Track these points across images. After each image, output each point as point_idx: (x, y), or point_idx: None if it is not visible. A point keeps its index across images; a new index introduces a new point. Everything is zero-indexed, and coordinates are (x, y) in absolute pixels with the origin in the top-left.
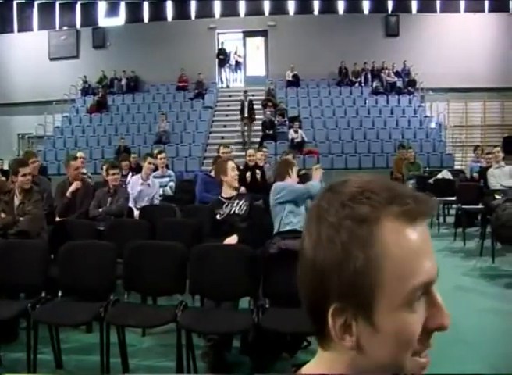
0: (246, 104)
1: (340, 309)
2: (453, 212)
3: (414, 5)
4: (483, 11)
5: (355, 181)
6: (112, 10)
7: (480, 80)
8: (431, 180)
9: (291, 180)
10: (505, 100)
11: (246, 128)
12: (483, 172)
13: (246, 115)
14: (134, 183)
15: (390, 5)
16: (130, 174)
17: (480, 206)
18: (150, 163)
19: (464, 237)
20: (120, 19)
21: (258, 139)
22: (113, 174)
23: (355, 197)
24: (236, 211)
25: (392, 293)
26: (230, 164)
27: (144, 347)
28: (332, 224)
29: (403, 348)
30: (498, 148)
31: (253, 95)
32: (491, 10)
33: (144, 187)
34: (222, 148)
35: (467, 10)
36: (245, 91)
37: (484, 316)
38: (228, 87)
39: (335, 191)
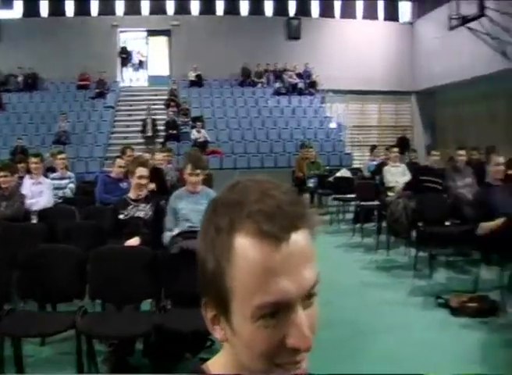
0: (149, 121)
1: (209, 303)
2: (352, 208)
3: (315, 10)
4: (377, 19)
5: (239, 187)
6: (6, 2)
7: (376, 83)
8: (331, 179)
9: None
10: (398, 103)
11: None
12: (378, 169)
13: (149, 134)
14: (25, 184)
15: (292, 9)
16: (27, 176)
17: (376, 203)
18: (35, 163)
19: (361, 232)
20: (16, 13)
21: (161, 140)
22: (3, 177)
23: (224, 206)
24: (141, 215)
25: (242, 303)
26: (138, 171)
27: (42, 357)
28: (204, 226)
29: (255, 357)
30: (396, 149)
31: (156, 95)
32: (385, 19)
33: (35, 187)
34: (128, 150)
35: (364, 17)
36: (148, 108)
37: (381, 307)
38: (131, 86)
39: (222, 193)
